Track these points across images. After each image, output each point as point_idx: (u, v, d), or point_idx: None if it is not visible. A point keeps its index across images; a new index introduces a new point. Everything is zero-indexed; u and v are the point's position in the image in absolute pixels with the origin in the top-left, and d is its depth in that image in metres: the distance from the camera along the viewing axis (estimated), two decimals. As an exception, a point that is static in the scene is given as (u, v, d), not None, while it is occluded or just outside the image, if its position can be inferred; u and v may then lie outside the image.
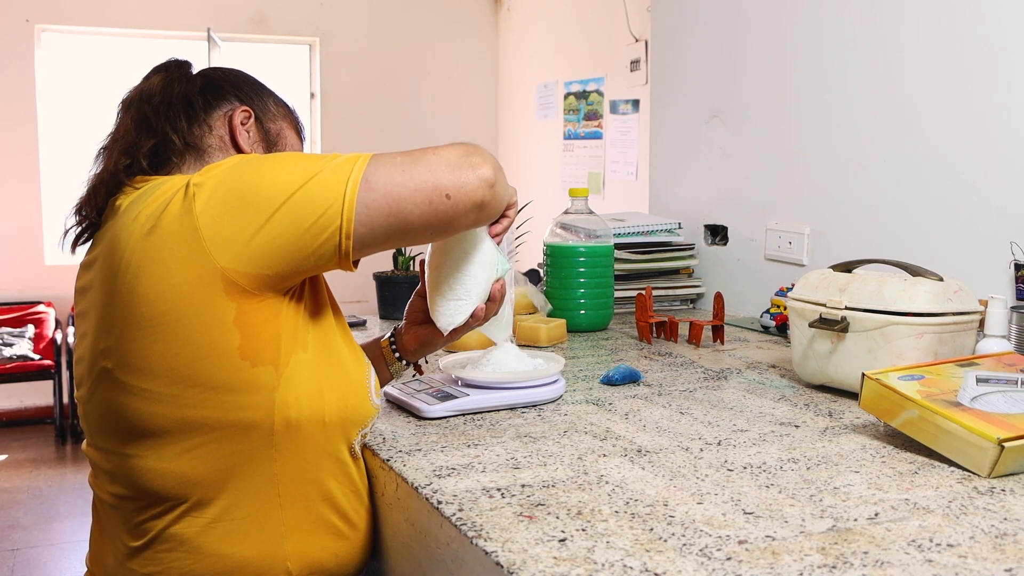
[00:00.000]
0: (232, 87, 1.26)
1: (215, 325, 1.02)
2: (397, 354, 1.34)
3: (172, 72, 1.24)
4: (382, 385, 1.33)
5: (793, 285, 1.62)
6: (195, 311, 1.02)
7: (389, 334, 1.37)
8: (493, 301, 1.26)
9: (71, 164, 5.06)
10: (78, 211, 1.19)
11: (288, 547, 1.10)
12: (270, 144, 1.26)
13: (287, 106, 1.33)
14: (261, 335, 1.05)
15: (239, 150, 1.22)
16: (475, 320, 1.25)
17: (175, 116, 1.19)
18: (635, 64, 4.42)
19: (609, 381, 1.53)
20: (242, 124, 1.23)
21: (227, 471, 1.07)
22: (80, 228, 1.19)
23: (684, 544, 0.88)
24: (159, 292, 1.02)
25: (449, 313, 1.23)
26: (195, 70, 1.27)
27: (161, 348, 1.03)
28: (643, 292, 1.93)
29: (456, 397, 1.34)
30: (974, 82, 1.72)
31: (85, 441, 1.18)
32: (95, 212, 1.17)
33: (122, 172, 1.15)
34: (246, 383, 1.05)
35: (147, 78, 1.25)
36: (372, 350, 1.35)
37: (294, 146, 1.30)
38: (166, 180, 1.11)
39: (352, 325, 2.07)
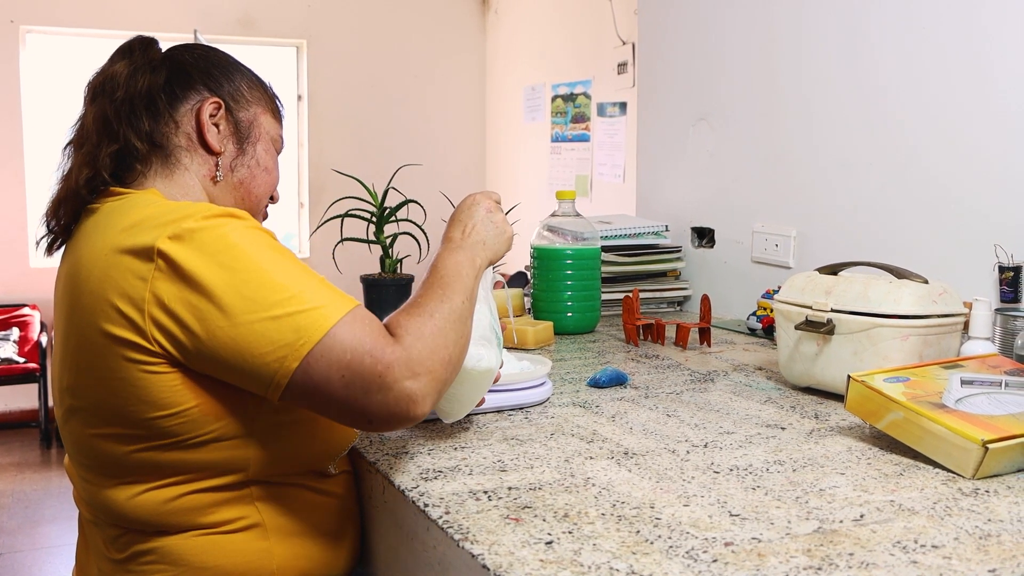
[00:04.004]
0: (200, 75, 1.19)
1: (166, 390, 0.99)
2: None
3: (137, 58, 1.16)
4: None
5: (779, 287, 1.63)
6: (143, 375, 0.99)
7: None
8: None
9: (56, 166, 5.02)
10: (47, 223, 1.14)
11: (275, 559, 1.08)
12: (242, 137, 1.20)
13: (263, 87, 1.27)
14: (220, 394, 1.01)
15: (207, 148, 1.16)
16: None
17: (137, 117, 1.13)
18: (622, 67, 4.43)
19: (596, 383, 1.53)
20: (211, 118, 1.17)
21: (203, 500, 1.05)
22: (50, 237, 1.15)
23: (670, 546, 0.88)
24: (106, 346, 0.99)
25: (452, 412, 1.21)
26: (163, 49, 1.20)
27: (117, 402, 1.01)
28: (630, 294, 1.93)
29: (443, 400, 1.33)
30: (957, 85, 1.73)
31: (67, 457, 1.16)
32: (61, 227, 1.13)
33: (84, 188, 1.10)
34: (213, 435, 1.02)
35: (112, 61, 1.17)
36: None
37: (270, 131, 1.25)
38: (140, 204, 1.06)
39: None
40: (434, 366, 0.99)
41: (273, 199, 1.29)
